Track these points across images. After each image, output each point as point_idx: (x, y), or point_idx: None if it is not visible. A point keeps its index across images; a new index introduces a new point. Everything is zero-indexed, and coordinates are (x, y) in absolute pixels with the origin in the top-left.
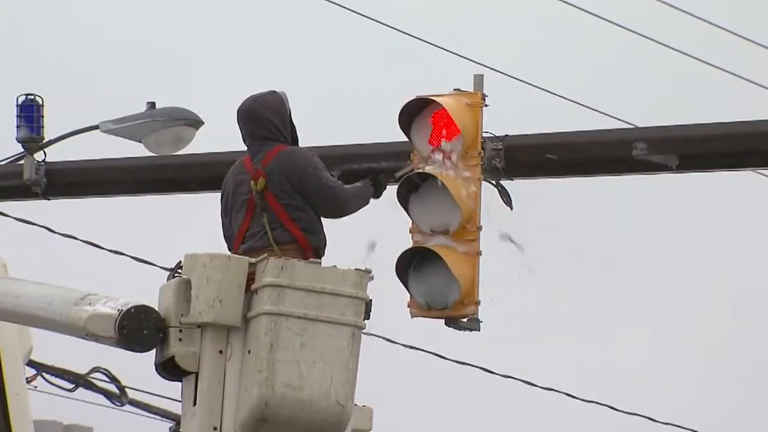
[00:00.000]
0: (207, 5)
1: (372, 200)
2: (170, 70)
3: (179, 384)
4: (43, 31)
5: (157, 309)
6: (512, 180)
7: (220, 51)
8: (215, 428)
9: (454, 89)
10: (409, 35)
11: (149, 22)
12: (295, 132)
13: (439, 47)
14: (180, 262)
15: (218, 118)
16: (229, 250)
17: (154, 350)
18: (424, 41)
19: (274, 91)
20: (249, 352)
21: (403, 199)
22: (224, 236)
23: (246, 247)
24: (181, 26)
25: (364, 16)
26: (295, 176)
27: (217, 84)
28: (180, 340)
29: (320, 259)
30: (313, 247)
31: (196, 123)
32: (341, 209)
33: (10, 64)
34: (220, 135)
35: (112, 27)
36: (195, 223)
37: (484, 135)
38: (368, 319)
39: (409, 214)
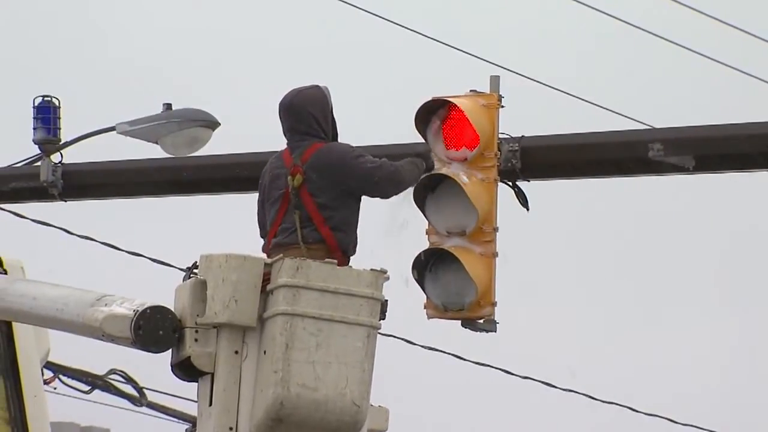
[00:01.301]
0: (224, 7)
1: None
2: (187, 70)
3: (195, 385)
4: (59, 33)
5: (172, 309)
6: (528, 181)
7: (236, 52)
8: (231, 428)
9: (470, 90)
10: (425, 36)
11: (165, 24)
12: (336, 128)
13: (454, 47)
14: (195, 262)
15: (235, 119)
16: (262, 238)
17: (169, 351)
18: (440, 42)
19: (317, 86)
20: (264, 352)
21: (420, 201)
22: (258, 223)
23: (277, 242)
24: (198, 28)
25: (380, 17)
26: (338, 169)
27: (234, 85)
28: (196, 340)
29: (349, 258)
30: (342, 248)
31: (212, 124)
32: (397, 181)
33: (27, 66)
34: (237, 136)
35: (128, 29)
36: (212, 224)
37: (501, 136)
38: (384, 319)
39: (425, 216)
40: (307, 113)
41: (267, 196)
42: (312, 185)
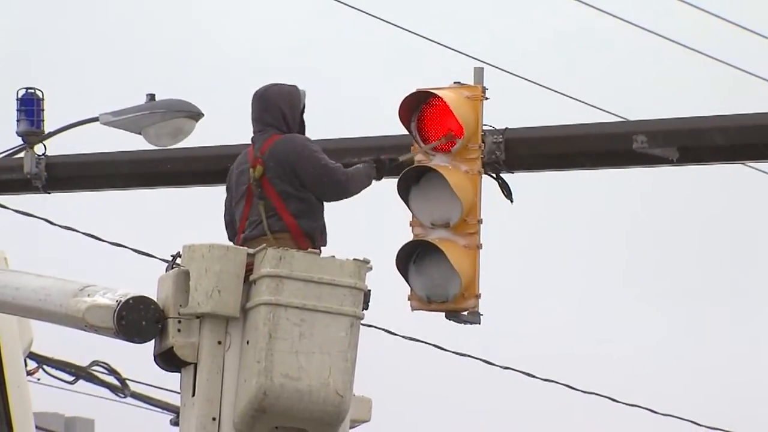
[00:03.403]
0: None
1: (374, 181)
2: (170, 61)
3: (179, 375)
4: (43, 25)
5: (155, 300)
6: (512, 173)
7: (220, 45)
8: (214, 419)
9: (454, 82)
10: (410, 31)
11: (151, 15)
12: (304, 130)
13: (438, 43)
14: (178, 252)
15: (218, 110)
16: (230, 239)
17: (152, 341)
18: (425, 38)
19: (294, 85)
20: (247, 342)
21: (404, 193)
22: (225, 225)
23: (245, 236)
24: (182, 20)
25: (367, 13)
26: (292, 161)
27: (217, 76)
28: (179, 330)
29: (317, 245)
30: (306, 233)
31: (196, 115)
32: (342, 190)
33: (11, 57)
34: (220, 127)
35: (113, 19)
36: (195, 215)
37: (485, 128)
38: (367, 309)
39: (409, 208)
40: (275, 105)
41: (234, 194)
42: (272, 174)
